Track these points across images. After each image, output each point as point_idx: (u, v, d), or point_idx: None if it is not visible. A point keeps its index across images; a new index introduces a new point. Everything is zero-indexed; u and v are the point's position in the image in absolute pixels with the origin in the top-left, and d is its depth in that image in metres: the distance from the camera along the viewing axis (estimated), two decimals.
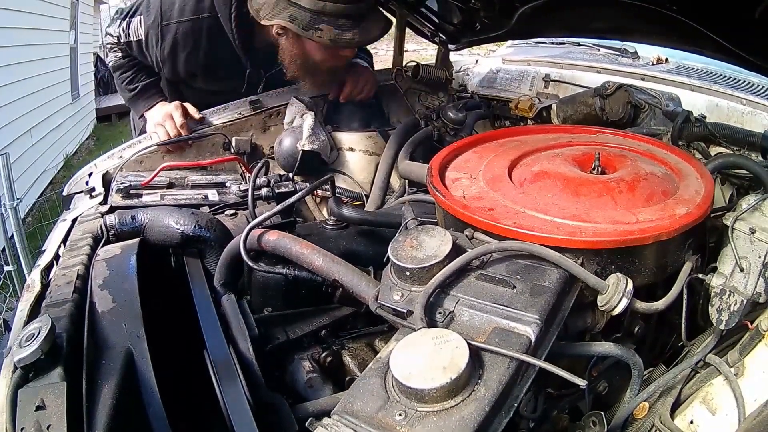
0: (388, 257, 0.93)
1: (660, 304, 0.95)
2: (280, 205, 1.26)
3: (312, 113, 1.85)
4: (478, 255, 0.91)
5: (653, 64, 2.01)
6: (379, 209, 1.61)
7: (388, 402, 0.71)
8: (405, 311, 0.87)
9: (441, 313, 0.84)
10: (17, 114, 5.59)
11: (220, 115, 1.90)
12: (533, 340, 0.78)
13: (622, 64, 2.04)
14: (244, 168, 1.79)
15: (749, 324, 0.96)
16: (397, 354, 0.73)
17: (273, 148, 1.88)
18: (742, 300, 0.96)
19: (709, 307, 1.01)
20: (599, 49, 2.25)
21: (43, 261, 1.32)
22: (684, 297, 0.98)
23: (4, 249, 3.58)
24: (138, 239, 1.24)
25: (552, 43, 2.48)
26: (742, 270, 0.98)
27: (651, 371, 1.06)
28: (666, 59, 2.02)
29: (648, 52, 2.07)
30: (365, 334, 1.19)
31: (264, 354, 1.04)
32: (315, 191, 1.74)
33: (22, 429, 0.76)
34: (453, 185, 1.16)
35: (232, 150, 1.87)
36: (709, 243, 1.10)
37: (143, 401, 0.86)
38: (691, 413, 0.93)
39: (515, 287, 0.86)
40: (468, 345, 0.72)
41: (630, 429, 0.97)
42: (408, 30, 2.20)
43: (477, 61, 2.55)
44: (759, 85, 1.66)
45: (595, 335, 1.01)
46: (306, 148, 1.76)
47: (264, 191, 1.51)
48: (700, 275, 1.01)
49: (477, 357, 0.74)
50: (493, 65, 2.37)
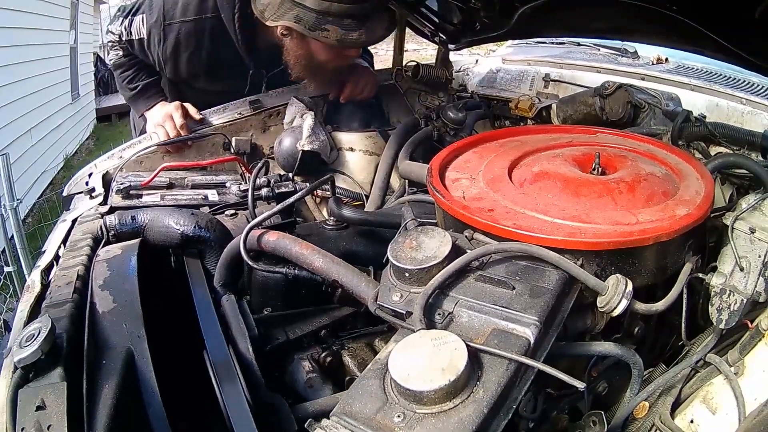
0: (387, 258, 0.93)
1: (660, 305, 0.95)
2: (279, 205, 1.26)
3: (312, 113, 1.86)
4: (477, 256, 0.91)
5: (653, 63, 2.01)
6: (379, 209, 1.61)
7: (386, 403, 0.71)
8: (404, 312, 0.87)
9: (440, 315, 0.84)
10: (17, 114, 5.58)
11: (219, 115, 1.90)
12: (532, 341, 0.78)
13: (622, 63, 2.04)
14: (244, 168, 1.79)
15: (749, 323, 0.96)
16: (396, 355, 0.73)
17: (273, 148, 1.88)
18: (742, 299, 0.96)
19: (709, 307, 1.01)
20: (599, 49, 2.25)
21: (43, 262, 1.32)
22: (684, 297, 0.98)
23: (4, 250, 3.58)
24: (138, 240, 1.25)
25: (552, 43, 2.48)
26: (742, 269, 0.98)
27: (651, 371, 1.05)
28: (666, 59, 2.02)
29: (648, 52, 2.07)
30: (365, 334, 1.19)
31: (264, 354, 1.04)
32: (315, 191, 1.74)
33: (22, 429, 0.76)
34: (453, 186, 1.16)
35: (232, 150, 1.87)
36: (709, 243, 1.10)
37: (143, 401, 0.86)
38: (692, 412, 0.93)
39: (514, 288, 0.86)
40: (467, 346, 0.72)
41: (630, 428, 0.97)
42: (408, 30, 2.20)
43: (477, 61, 2.55)
44: (759, 85, 1.66)
45: (595, 336, 1.01)
46: (306, 148, 1.76)
47: (264, 191, 1.51)
48: (700, 275, 1.01)
49: (476, 359, 0.74)
50: (493, 65, 2.37)
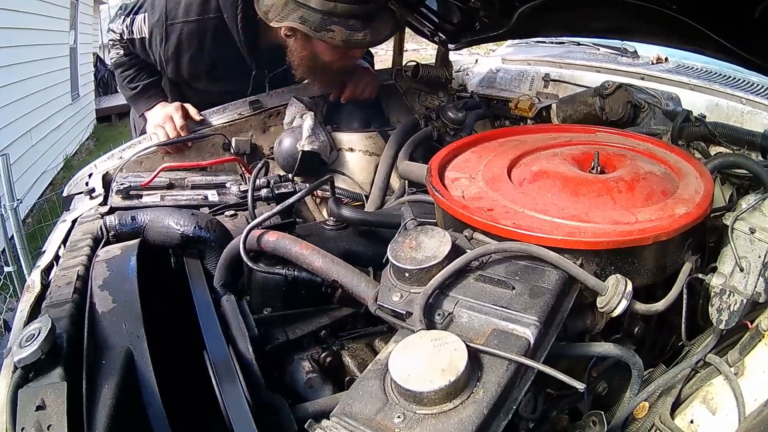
0: (387, 258, 0.93)
1: (660, 305, 0.95)
2: (279, 206, 1.26)
3: (312, 113, 1.86)
4: (477, 256, 0.91)
5: (653, 63, 2.01)
6: (379, 210, 1.61)
7: (386, 404, 0.71)
8: (404, 313, 0.87)
9: (440, 315, 0.84)
10: (17, 114, 5.59)
11: (219, 116, 1.90)
12: (532, 341, 0.78)
13: (621, 63, 2.04)
14: (243, 168, 1.79)
15: (749, 324, 0.96)
16: (396, 356, 0.73)
17: (273, 148, 1.88)
18: (742, 300, 0.96)
19: (709, 307, 1.00)
20: (599, 49, 2.25)
21: (43, 262, 1.32)
22: (684, 297, 0.98)
23: (4, 250, 3.58)
24: (138, 240, 1.25)
25: (552, 43, 2.48)
26: (742, 270, 0.97)
27: (651, 371, 1.05)
28: (666, 59, 2.02)
29: (648, 51, 2.07)
30: (365, 334, 1.19)
31: (264, 354, 1.05)
32: (315, 192, 1.74)
33: (22, 429, 0.76)
34: (452, 185, 1.16)
35: (231, 150, 1.87)
36: (709, 243, 1.10)
37: (143, 401, 0.86)
38: (691, 413, 0.93)
39: (514, 288, 0.86)
40: (467, 347, 0.72)
41: (630, 429, 0.97)
42: (408, 30, 2.20)
43: (477, 61, 2.54)
44: (759, 85, 1.66)
45: (595, 336, 1.01)
46: (306, 148, 1.76)
47: (264, 192, 1.51)
48: (700, 275, 1.01)
49: (476, 359, 0.74)
50: (493, 65, 2.37)
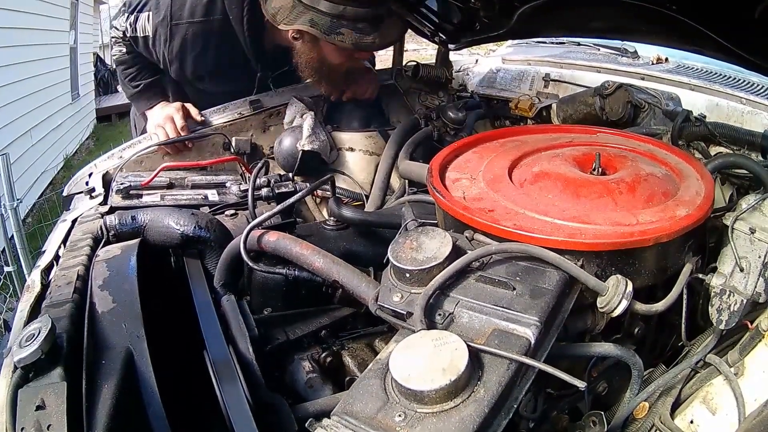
0: (388, 258, 0.93)
1: (660, 305, 0.95)
2: (280, 206, 1.26)
3: (312, 113, 1.86)
4: (478, 257, 0.91)
5: (653, 63, 2.01)
6: (379, 209, 1.61)
7: (387, 403, 0.71)
8: (405, 313, 0.87)
9: (441, 315, 0.84)
10: (17, 114, 5.58)
11: (220, 115, 1.90)
12: (533, 341, 0.78)
13: (622, 63, 2.04)
14: (244, 168, 1.79)
15: (749, 324, 0.96)
16: (397, 355, 0.73)
17: (273, 148, 1.88)
18: (742, 300, 0.96)
19: (709, 307, 1.01)
20: (599, 49, 2.25)
21: (43, 261, 1.32)
22: (684, 298, 0.98)
23: (4, 249, 3.58)
24: (138, 240, 1.24)
25: (552, 43, 2.48)
26: (742, 270, 0.98)
27: (651, 372, 1.05)
28: (666, 59, 2.02)
29: (648, 51, 2.07)
30: (365, 334, 1.19)
31: (264, 354, 1.05)
32: (315, 191, 1.73)
33: (22, 429, 0.76)
34: (453, 186, 1.16)
35: (232, 150, 1.87)
36: (709, 243, 1.10)
37: (143, 401, 0.86)
38: (691, 413, 0.93)
39: (515, 289, 0.86)
40: (467, 347, 0.72)
41: (630, 429, 0.97)
42: (408, 30, 2.20)
43: (477, 61, 2.55)
44: (759, 85, 1.66)
45: (595, 336, 1.01)
46: (306, 148, 1.76)
47: (264, 191, 1.51)
48: (700, 275, 1.01)
49: (476, 359, 0.74)
50: (493, 65, 2.37)
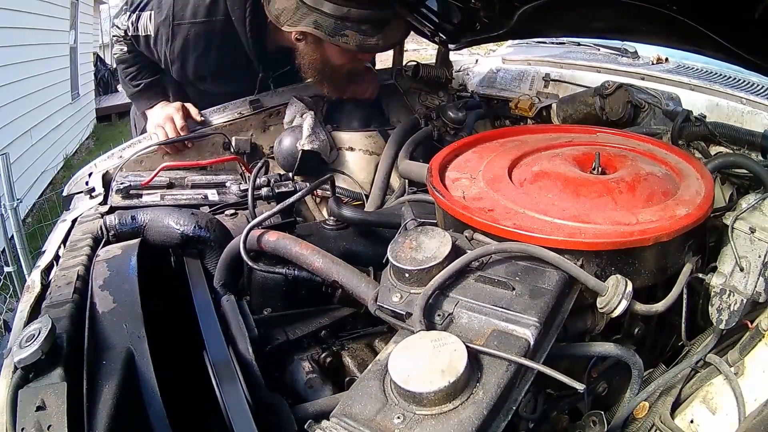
0: (387, 258, 0.93)
1: (660, 306, 0.95)
2: (279, 205, 1.26)
3: (312, 113, 1.86)
4: (477, 256, 0.90)
5: (653, 63, 2.01)
6: (379, 209, 1.61)
7: (386, 405, 0.71)
8: (404, 313, 0.87)
9: (440, 315, 0.84)
10: (17, 114, 5.58)
11: (219, 115, 1.90)
12: (532, 342, 0.78)
13: (622, 63, 2.04)
14: (244, 168, 1.79)
15: (749, 323, 0.96)
16: (396, 357, 0.73)
17: (273, 147, 1.88)
18: (742, 299, 0.96)
19: (709, 307, 1.01)
20: (599, 49, 2.25)
21: (43, 262, 1.32)
22: (684, 298, 0.98)
23: (4, 250, 3.58)
24: (138, 240, 1.24)
25: (552, 43, 2.48)
26: (742, 269, 0.98)
27: (651, 371, 1.05)
28: (666, 59, 2.02)
29: (648, 51, 2.07)
30: (365, 334, 1.19)
31: (264, 354, 1.05)
32: (315, 191, 1.74)
33: (22, 429, 0.76)
34: (453, 185, 1.16)
35: (231, 150, 1.87)
36: (709, 243, 1.10)
37: (144, 401, 0.86)
38: (692, 413, 0.93)
39: (514, 289, 0.86)
40: (466, 348, 0.72)
41: (630, 428, 0.97)
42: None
43: (477, 61, 2.54)
44: (759, 85, 1.66)
45: (595, 337, 1.01)
46: (306, 147, 1.76)
47: (264, 191, 1.51)
48: (700, 275, 1.01)
49: (475, 360, 0.74)
50: (493, 65, 2.37)
